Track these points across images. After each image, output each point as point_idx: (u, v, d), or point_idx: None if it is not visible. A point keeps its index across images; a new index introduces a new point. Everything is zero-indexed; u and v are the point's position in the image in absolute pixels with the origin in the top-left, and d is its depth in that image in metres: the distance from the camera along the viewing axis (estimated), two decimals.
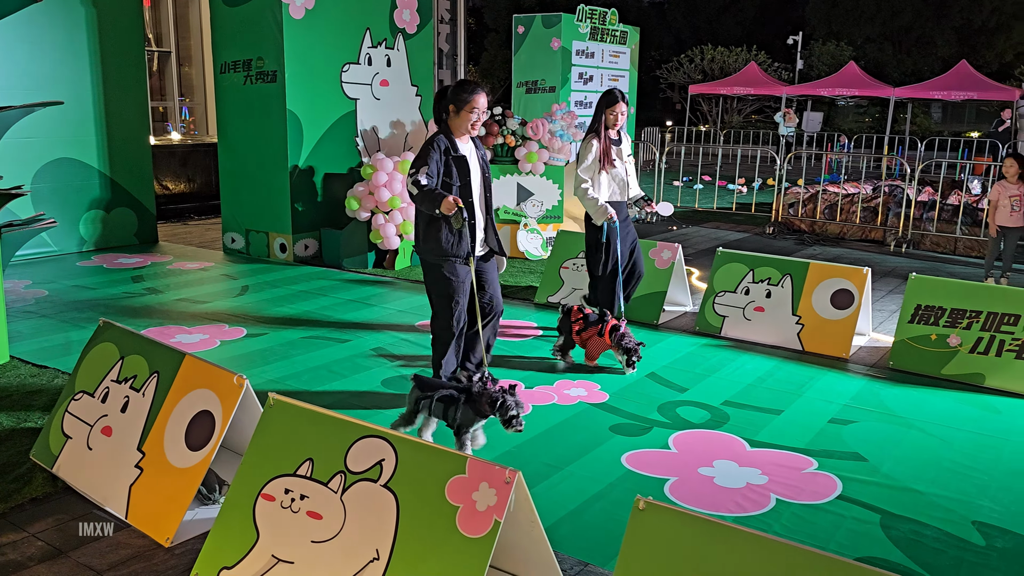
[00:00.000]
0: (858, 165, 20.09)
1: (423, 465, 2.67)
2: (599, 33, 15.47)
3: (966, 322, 5.35)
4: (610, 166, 5.66)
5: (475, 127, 4.37)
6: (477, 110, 4.32)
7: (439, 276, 4.41)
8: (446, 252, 4.34)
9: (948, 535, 3.33)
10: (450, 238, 4.30)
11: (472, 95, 4.32)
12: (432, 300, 4.53)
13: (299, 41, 8.31)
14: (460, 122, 4.36)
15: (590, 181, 5.62)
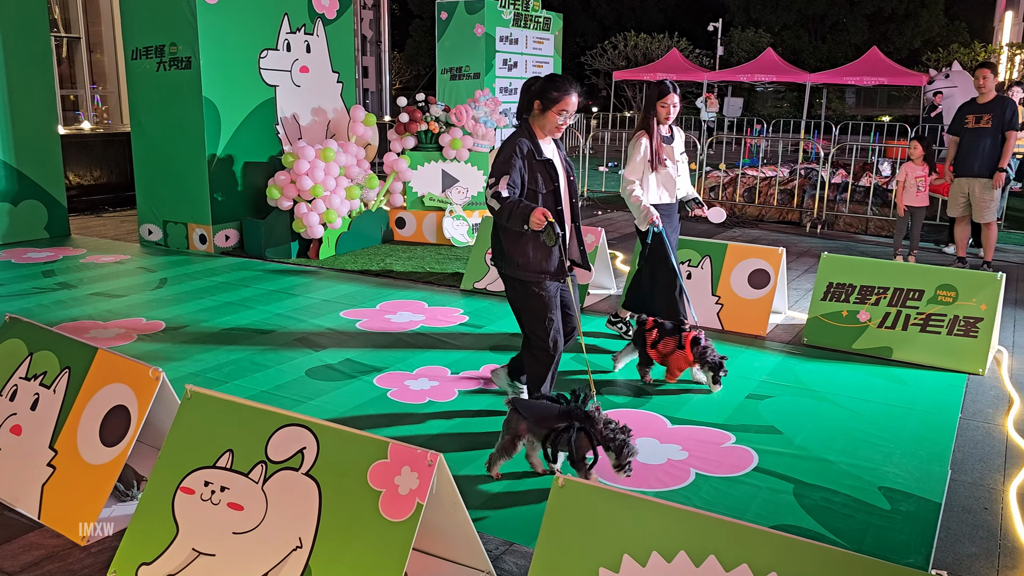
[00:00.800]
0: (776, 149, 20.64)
1: (345, 452, 2.66)
2: (522, 19, 15.49)
3: (874, 298, 5.57)
4: (660, 166, 5.12)
5: (560, 129, 3.86)
6: (567, 112, 3.81)
7: (529, 295, 3.92)
8: (537, 269, 3.87)
9: (856, 501, 3.48)
10: (539, 253, 3.83)
11: (564, 94, 3.79)
12: (522, 321, 4.04)
13: (214, 26, 8.10)
14: (545, 122, 3.84)
15: (637, 182, 5.11)
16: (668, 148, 5.19)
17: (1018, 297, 7.15)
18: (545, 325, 3.94)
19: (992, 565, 3.06)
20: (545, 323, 3.94)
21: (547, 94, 3.80)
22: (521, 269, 3.88)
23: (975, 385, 4.97)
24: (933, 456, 3.95)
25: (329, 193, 8.11)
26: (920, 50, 38.43)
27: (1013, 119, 7.58)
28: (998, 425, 4.38)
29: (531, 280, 3.89)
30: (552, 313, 3.94)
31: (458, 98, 13.94)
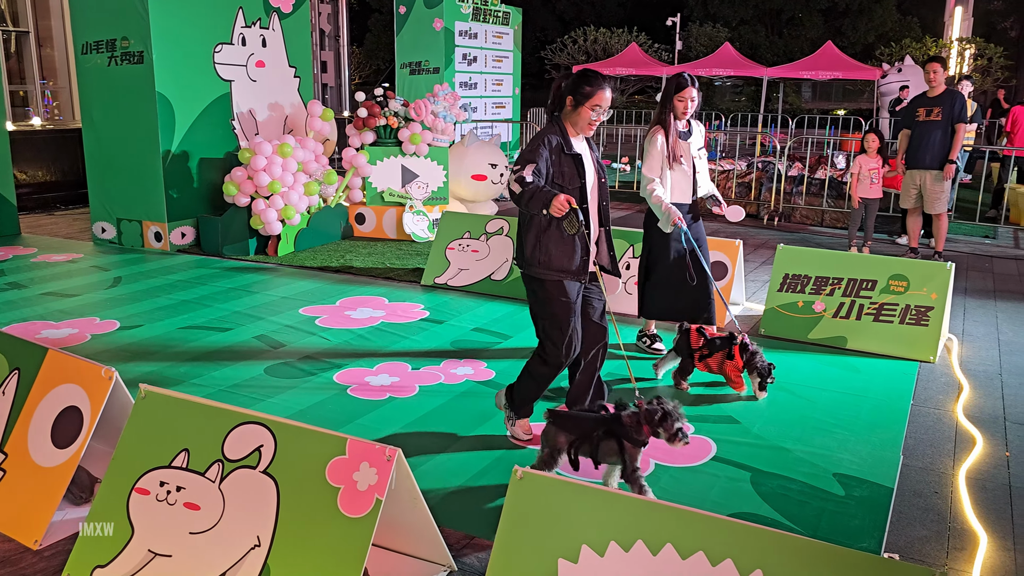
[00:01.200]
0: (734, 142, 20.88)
1: (303, 449, 2.65)
2: (481, 14, 15.46)
3: (829, 288, 5.67)
4: (676, 163, 4.90)
5: (593, 126, 3.71)
6: (600, 107, 3.67)
7: (549, 297, 3.73)
8: (558, 267, 3.69)
9: (812, 487, 3.55)
10: (561, 250, 3.67)
11: (597, 89, 3.65)
12: (538, 325, 3.83)
13: (166, 20, 7.96)
14: (578, 119, 3.70)
15: (657, 180, 4.87)
16: (684, 145, 4.94)
17: (968, 286, 7.33)
18: (562, 331, 3.74)
19: (942, 547, 3.13)
20: (562, 329, 3.74)
21: (580, 89, 3.66)
22: (542, 267, 3.70)
23: (926, 372, 5.08)
24: (886, 442, 4.03)
25: (287, 189, 8.03)
26: (874, 44, 39.12)
27: (962, 112, 7.75)
28: (948, 411, 4.49)
29: (551, 279, 3.70)
30: (572, 319, 3.75)
31: (418, 93, 13.88)
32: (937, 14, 36.11)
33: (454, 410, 4.37)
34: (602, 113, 3.70)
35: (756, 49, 40.69)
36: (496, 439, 4.01)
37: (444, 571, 2.87)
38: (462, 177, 9.72)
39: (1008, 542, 3.18)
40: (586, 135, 3.76)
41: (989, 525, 3.29)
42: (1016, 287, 7.38)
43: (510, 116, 17.06)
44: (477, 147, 9.90)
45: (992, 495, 3.55)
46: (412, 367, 4.99)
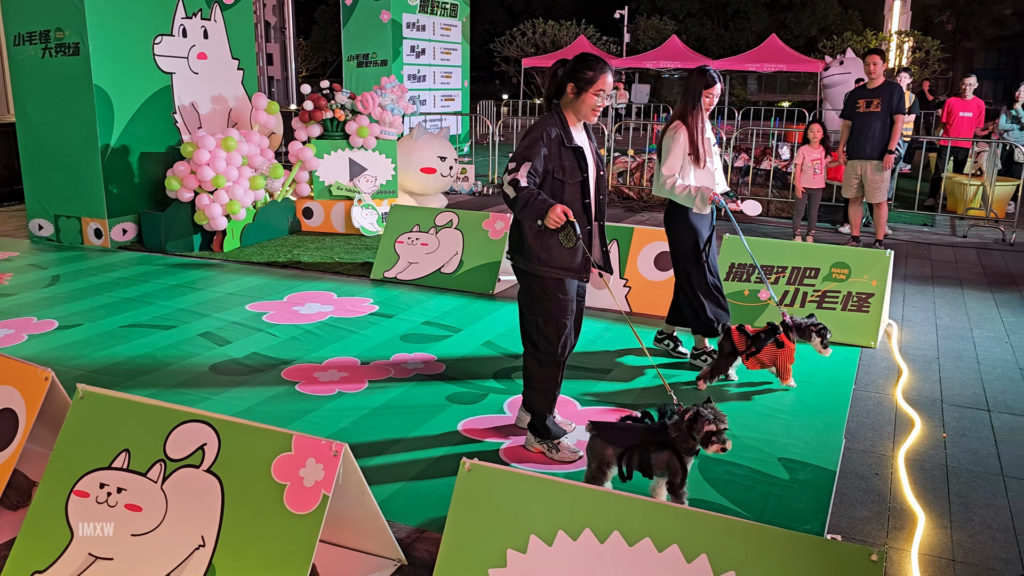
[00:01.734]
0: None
1: (247, 446, 2.61)
2: (429, 5, 15.37)
3: (774, 277, 5.77)
4: (704, 163, 4.72)
5: (596, 112, 3.55)
6: (604, 92, 3.52)
7: (547, 295, 3.59)
8: (560, 264, 3.55)
9: (757, 472, 3.61)
10: (565, 248, 3.52)
11: (600, 72, 3.49)
12: (531, 324, 3.68)
13: (103, 11, 7.74)
14: (581, 106, 3.53)
15: (677, 175, 4.69)
16: (707, 141, 4.77)
17: (907, 273, 7.52)
18: (558, 329, 3.63)
19: (882, 527, 3.22)
20: (558, 327, 3.63)
21: (582, 75, 3.49)
22: (543, 264, 3.54)
23: (868, 357, 5.21)
24: (829, 426, 4.12)
25: (232, 183, 7.89)
26: (816, 37, 39.85)
27: (900, 103, 7.94)
28: (888, 395, 4.60)
29: (551, 277, 3.56)
30: (567, 318, 3.65)
31: (365, 85, 13.75)
32: (877, 8, 36.93)
33: (404, 404, 4.34)
34: (606, 98, 3.54)
35: (703, 42, 41.19)
36: (447, 433, 4.00)
37: (394, 565, 2.86)
38: (411, 170, 9.65)
39: (945, 520, 3.28)
40: (590, 121, 3.61)
41: (927, 504, 3.39)
42: (953, 273, 7.60)
43: (459, 109, 17.00)
44: (426, 140, 9.84)
45: (930, 475, 3.65)
46: (361, 362, 4.95)
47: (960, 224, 10.19)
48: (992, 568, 2.96)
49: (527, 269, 3.59)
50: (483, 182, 12.77)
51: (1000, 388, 4.73)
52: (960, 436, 4.07)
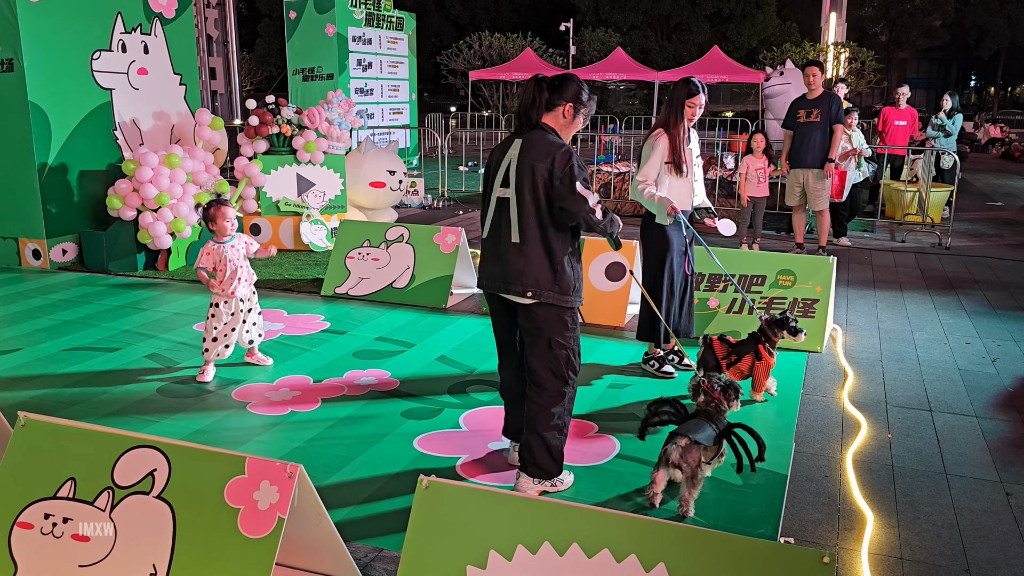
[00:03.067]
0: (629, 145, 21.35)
1: (199, 471, 2.55)
2: (375, 19, 15.33)
3: (722, 285, 5.86)
4: (685, 171, 4.73)
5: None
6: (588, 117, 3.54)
7: (575, 323, 3.47)
8: (580, 291, 3.46)
9: (711, 479, 3.65)
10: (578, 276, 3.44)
11: (593, 100, 3.47)
12: (563, 357, 3.43)
13: (38, 26, 7.56)
14: (571, 128, 3.47)
15: (651, 182, 4.69)
16: (689, 152, 4.78)
17: (849, 278, 7.71)
18: (579, 357, 3.51)
19: (833, 528, 3.28)
20: (578, 354, 3.51)
21: (584, 97, 3.42)
22: (576, 294, 3.40)
23: (814, 362, 5.32)
24: (779, 430, 4.20)
25: (176, 201, 7.74)
26: (757, 49, 40.76)
27: (839, 113, 8.16)
28: (835, 398, 4.71)
29: (575, 306, 3.44)
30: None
31: (312, 100, 13.64)
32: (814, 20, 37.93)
33: (359, 421, 4.30)
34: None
35: (647, 54, 41.79)
36: (403, 448, 3.97)
37: None
38: (360, 185, 9.59)
39: (893, 519, 3.36)
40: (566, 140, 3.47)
41: (875, 504, 3.47)
42: (893, 278, 7.81)
43: (407, 122, 16.97)
44: (374, 154, 9.79)
45: (877, 476, 3.74)
46: (314, 380, 4.89)
47: (898, 230, 10.49)
48: (939, 565, 3.04)
49: (560, 303, 3.37)
50: (433, 195, 12.75)
51: (941, 388, 4.87)
52: (904, 436, 4.18)
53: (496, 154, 3.49)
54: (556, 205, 3.31)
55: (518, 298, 3.39)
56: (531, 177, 3.29)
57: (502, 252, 3.39)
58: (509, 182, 3.37)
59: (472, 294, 6.92)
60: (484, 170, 3.58)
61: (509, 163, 3.38)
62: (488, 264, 3.49)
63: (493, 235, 3.46)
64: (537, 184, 3.29)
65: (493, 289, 3.48)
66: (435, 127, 21.35)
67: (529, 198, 3.30)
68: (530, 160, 3.31)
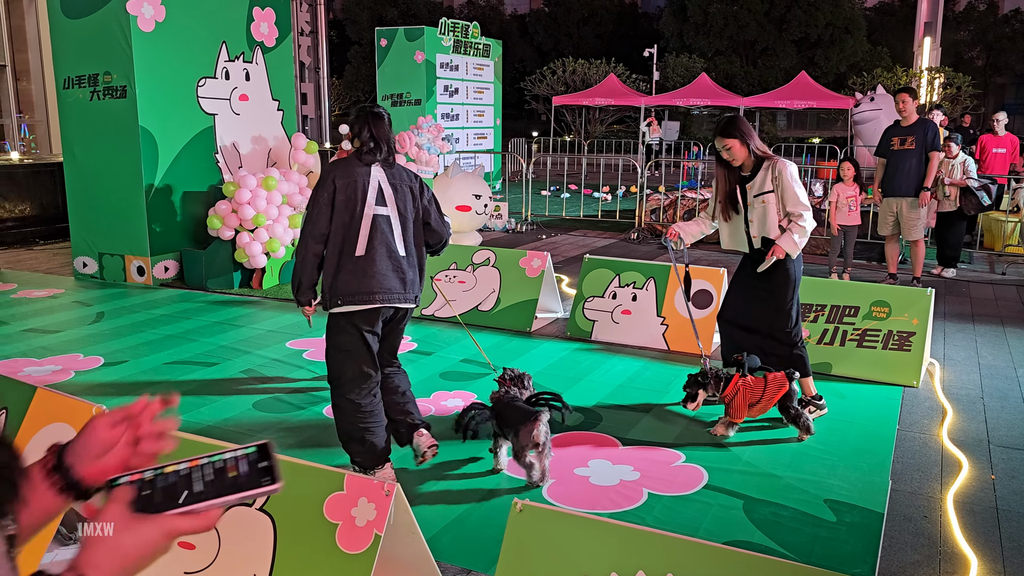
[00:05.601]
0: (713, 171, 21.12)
1: (300, 485, 2.64)
2: (462, 46, 15.63)
3: (813, 315, 5.74)
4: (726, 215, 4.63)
5: None
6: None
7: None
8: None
9: (803, 514, 3.57)
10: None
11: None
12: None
13: (150, 55, 7.98)
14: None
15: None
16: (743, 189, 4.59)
17: (947, 311, 7.43)
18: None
19: (934, 571, 3.16)
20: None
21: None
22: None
23: (910, 397, 5.14)
24: (874, 467, 4.07)
25: (272, 222, 8.03)
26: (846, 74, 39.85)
27: (935, 140, 7.92)
28: (934, 435, 4.54)
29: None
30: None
31: (399, 124, 13.97)
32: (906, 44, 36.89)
33: (446, 442, 4.36)
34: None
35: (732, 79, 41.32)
36: (491, 472, 4.00)
37: None
38: (446, 208, 9.74)
39: (998, 564, 3.21)
40: None
41: (978, 548, 3.33)
42: (993, 311, 7.50)
43: (492, 147, 17.19)
44: (461, 178, 9.96)
45: (980, 518, 3.59)
46: None
47: (998, 261, 10.06)
48: None
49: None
50: (516, 219, 12.86)
51: None
52: (1009, 478, 4.00)
53: (360, 179, 3.66)
54: (423, 221, 3.82)
55: (411, 304, 3.82)
56: (409, 196, 3.74)
57: (394, 265, 3.69)
58: (386, 201, 3.66)
59: (557, 318, 6.94)
60: (346, 194, 3.65)
61: (379, 184, 3.68)
62: (383, 278, 3.65)
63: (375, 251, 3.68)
64: (417, 203, 3.77)
65: (392, 301, 3.69)
66: (518, 151, 21.56)
67: (410, 215, 3.75)
68: (405, 182, 3.75)
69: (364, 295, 3.63)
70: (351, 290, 3.64)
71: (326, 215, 3.63)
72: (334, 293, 3.66)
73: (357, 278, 3.63)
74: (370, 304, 3.64)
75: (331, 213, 3.62)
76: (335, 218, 3.63)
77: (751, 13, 41.56)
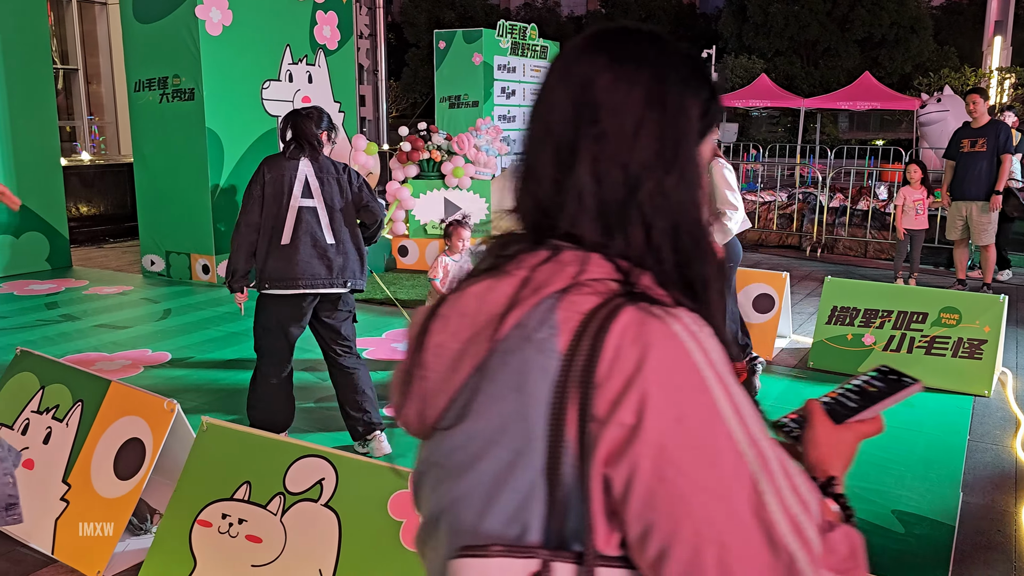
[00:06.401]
0: (773, 173, 20.78)
1: (364, 482, 2.67)
2: (520, 48, 15.66)
3: (879, 321, 5.60)
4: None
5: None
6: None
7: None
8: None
9: (871, 525, 3.49)
10: None
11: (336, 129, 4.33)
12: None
13: (217, 58, 8.17)
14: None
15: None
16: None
17: (1019, 318, 7.18)
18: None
19: None
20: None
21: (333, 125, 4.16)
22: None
23: (981, 407, 4.99)
24: (944, 478, 3.96)
25: None
26: (911, 75, 38.83)
27: (1008, 142, 7.67)
28: (1006, 447, 4.39)
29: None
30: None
31: (457, 126, 14.05)
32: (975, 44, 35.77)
33: None
34: None
35: (792, 80, 40.60)
36: None
37: None
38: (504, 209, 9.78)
39: None
40: None
41: None
42: None
43: None
44: None
45: None
46: None
47: None
48: None
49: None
50: None
51: None
52: None
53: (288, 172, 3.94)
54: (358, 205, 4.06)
55: (340, 289, 4.01)
56: (336, 188, 3.96)
57: (319, 253, 3.92)
58: (312, 194, 3.91)
59: None
60: (274, 187, 3.90)
61: (306, 178, 3.94)
62: (306, 265, 3.89)
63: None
64: (345, 192, 3.99)
65: (315, 287, 3.93)
66: None
67: (337, 205, 3.96)
68: (332, 175, 3.99)
69: (288, 281, 3.88)
70: (277, 276, 3.89)
71: (258, 207, 3.90)
72: (263, 278, 3.94)
73: (282, 265, 3.87)
74: (294, 289, 3.90)
75: (262, 205, 3.90)
76: (265, 210, 3.89)
77: (813, 13, 40.76)
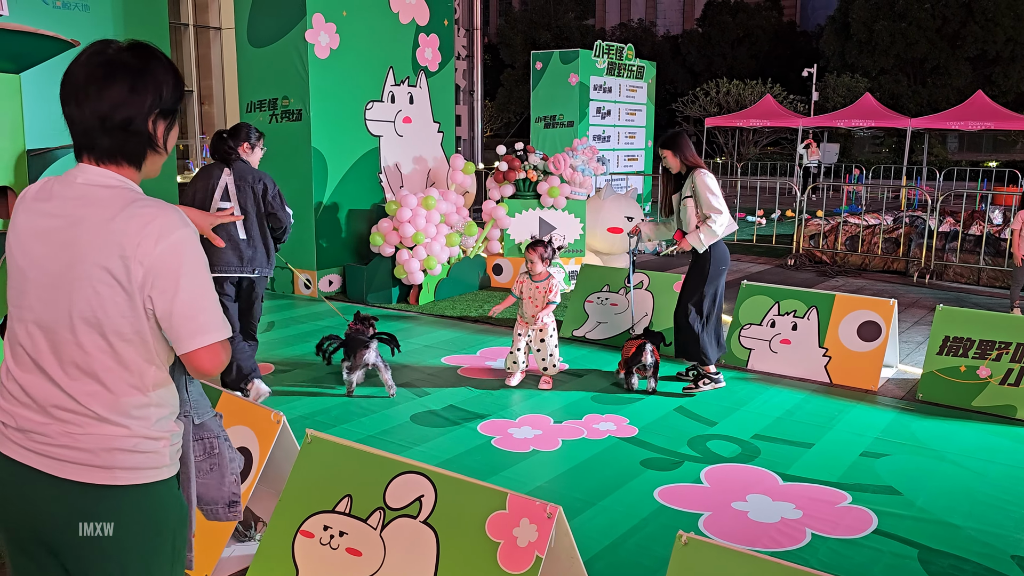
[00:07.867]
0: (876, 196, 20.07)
1: (463, 501, 2.69)
2: (616, 68, 15.64)
3: (995, 353, 5.32)
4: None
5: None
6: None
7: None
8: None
9: (988, 570, 3.30)
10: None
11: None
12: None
13: (324, 80, 8.46)
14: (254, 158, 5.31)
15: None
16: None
17: None
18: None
19: None
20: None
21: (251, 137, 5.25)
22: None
23: None
24: None
25: (430, 240, 8.29)
26: None
27: None
28: None
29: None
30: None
31: (552, 146, 14.11)
32: None
33: (598, 465, 4.33)
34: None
35: (898, 99, 39.17)
36: (643, 497, 3.94)
37: None
38: (598, 230, 9.76)
39: None
40: None
41: None
42: None
43: (642, 169, 17.07)
44: (613, 200, 9.94)
45: None
46: (554, 420, 5.00)
47: None
48: None
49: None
50: (668, 242, 12.68)
51: None
52: None
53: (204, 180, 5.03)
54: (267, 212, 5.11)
55: (249, 274, 5.15)
56: (251, 194, 4.98)
57: (232, 246, 4.97)
58: (231, 198, 4.94)
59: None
60: (203, 192, 5.00)
61: (226, 184, 4.98)
62: (223, 254, 4.93)
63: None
64: (257, 199, 5.02)
65: (228, 272, 5.03)
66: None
67: (251, 209, 5.00)
68: (249, 183, 4.98)
69: (211, 266, 4.55)
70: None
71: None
72: None
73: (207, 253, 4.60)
74: (214, 273, 4.78)
75: (193, 205, 4.80)
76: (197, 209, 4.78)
77: (921, 30, 39.28)
